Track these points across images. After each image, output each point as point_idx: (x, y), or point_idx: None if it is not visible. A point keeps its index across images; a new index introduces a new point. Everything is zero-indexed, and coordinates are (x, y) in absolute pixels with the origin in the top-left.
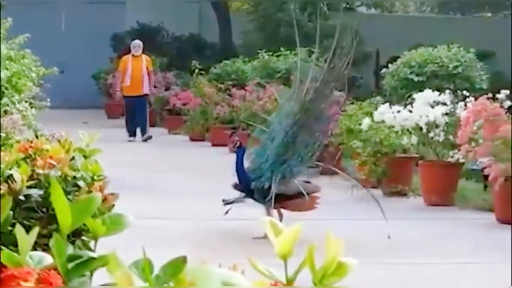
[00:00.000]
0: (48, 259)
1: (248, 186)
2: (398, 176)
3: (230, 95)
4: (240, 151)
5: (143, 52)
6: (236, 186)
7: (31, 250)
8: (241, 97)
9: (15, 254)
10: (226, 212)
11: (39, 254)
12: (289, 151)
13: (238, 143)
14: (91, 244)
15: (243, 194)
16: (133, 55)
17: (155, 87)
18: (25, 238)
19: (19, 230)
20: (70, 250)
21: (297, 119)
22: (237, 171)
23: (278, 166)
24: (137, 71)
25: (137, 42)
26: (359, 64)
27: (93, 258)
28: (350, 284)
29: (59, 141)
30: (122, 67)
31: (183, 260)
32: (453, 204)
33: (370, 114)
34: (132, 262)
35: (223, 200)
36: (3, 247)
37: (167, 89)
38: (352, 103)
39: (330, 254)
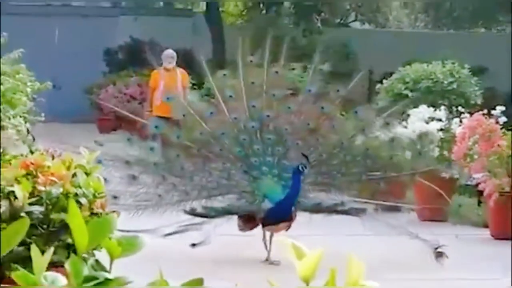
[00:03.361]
0: (61, 280)
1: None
2: (392, 191)
3: None
4: (300, 175)
5: (177, 65)
6: (190, 212)
7: None
8: None
9: (30, 274)
10: (195, 245)
11: (52, 274)
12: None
13: (303, 167)
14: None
15: (203, 219)
16: (165, 69)
17: None
18: (40, 258)
19: (34, 250)
20: (85, 270)
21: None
22: (294, 194)
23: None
24: (171, 88)
25: (170, 52)
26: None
27: (109, 280)
28: None
29: (53, 156)
30: (153, 83)
31: (199, 281)
32: (447, 220)
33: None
34: (149, 283)
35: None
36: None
37: None
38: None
39: (352, 277)
